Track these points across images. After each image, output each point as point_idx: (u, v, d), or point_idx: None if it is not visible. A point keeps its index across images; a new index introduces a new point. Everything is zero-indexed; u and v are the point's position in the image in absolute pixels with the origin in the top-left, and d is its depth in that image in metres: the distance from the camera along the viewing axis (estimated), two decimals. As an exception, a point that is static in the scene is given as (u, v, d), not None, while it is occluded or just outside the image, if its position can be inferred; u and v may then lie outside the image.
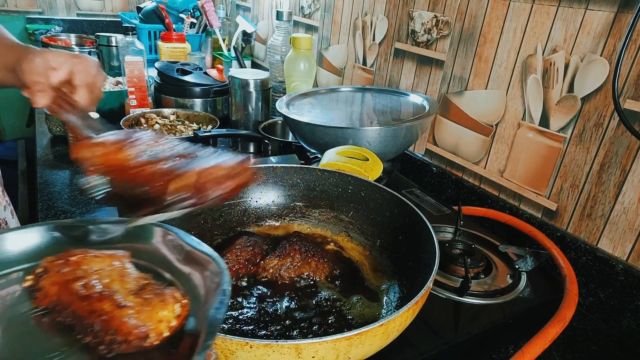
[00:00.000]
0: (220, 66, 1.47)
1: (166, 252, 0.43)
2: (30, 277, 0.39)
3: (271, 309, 0.58)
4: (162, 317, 0.35)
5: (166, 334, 0.35)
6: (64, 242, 0.43)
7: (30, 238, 0.42)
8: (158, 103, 1.35)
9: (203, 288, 0.38)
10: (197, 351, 0.31)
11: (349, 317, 0.58)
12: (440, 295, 0.68)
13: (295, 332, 0.54)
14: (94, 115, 1.05)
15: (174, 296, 0.36)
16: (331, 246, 0.72)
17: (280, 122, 1.27)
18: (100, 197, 0.46)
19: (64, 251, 0.40)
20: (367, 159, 0.78)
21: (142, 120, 1.17)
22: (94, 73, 0.62)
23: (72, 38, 2.27)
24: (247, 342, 0.41)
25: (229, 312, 0.56)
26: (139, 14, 2.09)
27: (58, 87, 0.59)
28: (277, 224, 0.77)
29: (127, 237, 0.44)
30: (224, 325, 0.54)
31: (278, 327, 0.55)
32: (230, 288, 0.35)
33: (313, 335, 0.54)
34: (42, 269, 0.38)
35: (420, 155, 1.13)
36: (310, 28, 1.57)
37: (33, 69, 0.57)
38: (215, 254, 0.39)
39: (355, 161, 0.77)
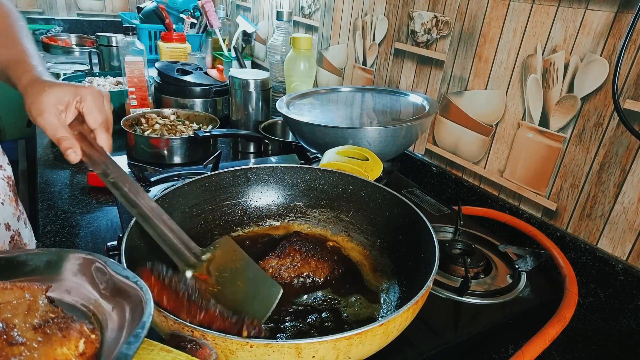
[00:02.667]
0: (220, 66, 1.47)
1: (89, 285, 0.41)
2: None
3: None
4: (60, 355, 0.32)
5: None
6: None
7: None
8: (158, 103, 1.35)
9: (126, 324, 0.36)
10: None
11: (348, 317, 0.58)
12: (440, 295, 0.68)
13: (294, 332, 0.54)
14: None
15: (81, 330, 0.34)
16: (332, 243, 0.72)
17: (280, 122, 1.27)
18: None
19: None
20: (367, 159, 0.78)
21: (143, 120, 1.17)
22: (102, 108, 0.60)
23: (72, 38, 2.27)
24: (247, 342, 0.41)
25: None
26: (139, 14, 2.09)
27: (75, 123, 0.58)
28: (277, 223, 0.77)
29: (49, 267, 0.42)
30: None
31: (278, 327, 0.55)
32: (150, 321, 0.33)
33: (313, 335, 0.54)
34: None
35: (420, 155, 1.13)
36: (310, 28, 1.57)
37: (49, 120, 0.55)
38: (140, 282, 0.37)
39: (356, 161, 0.77)
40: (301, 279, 0.63)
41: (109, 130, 0.60)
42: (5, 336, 0.33)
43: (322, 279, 0.63)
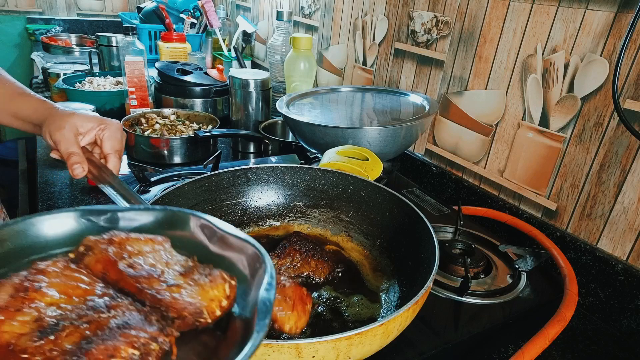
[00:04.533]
0: (220, 66, 1.47)
1: (202, 239, 0.41)
2: (72, 255, 0.37)
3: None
4: (214, 296, 0.34)
5: (218, 313, 0.34)
6: (95, 228, 0.41)
7: (63, 223, 0.41)
8: (158, 103, 1.35)
9: (247, 271, 0.37)
10: (255, 329, 0.30)
11: (349, 317, 0.58)
12: (440, 295, 0.68)
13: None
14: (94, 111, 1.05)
15: (223, 277, 0.36)
16: (332, 247, 0.72)
17: (280, 122, 1.27)
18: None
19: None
20: (367, 159, 0.78)
21: (143, 120, 1.17)
22: (120, 138, 0.65)
23: (73, 38, 2.27)
24: (247, 342, 0.41)
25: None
26: (139, 14, 2.09)
27: (85, 149, 0.62)
28: (278, 223, 0.77)
29: (159, 225, 0.43)
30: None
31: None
32: (274, 271, 0.34)
33: (312, 335, 0.54)
34: (84, 248, 0.37)
35: (420, 155, 1.13)
36: (310, 28, 1.57)
37: (66, 138, 0.60)
38: (252, 239, 0.38)
39: (356, 161, 0.77)
40: (301, 279, 0.63)
41: (120, 159, 0.65)
42: (162, 279, 0.35)
43: (322, 279, 0.63)
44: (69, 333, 0.29)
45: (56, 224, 0.41)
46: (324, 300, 0.60)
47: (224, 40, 1.77)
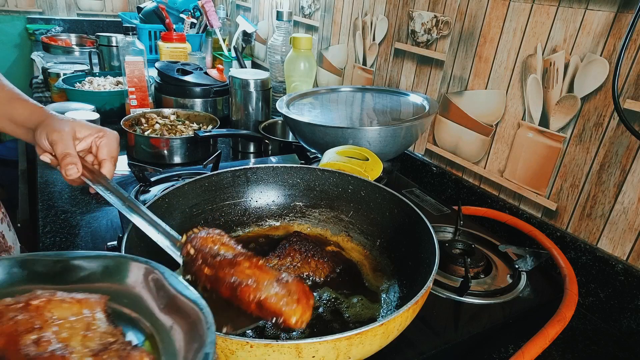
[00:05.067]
0: (220, 66, 1.47)
1: (148, 296, 0.38)
2: None
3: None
4: None
5: None
6: (31, 278, 0.38)
7: None
8: (158, 103, 1.35)
9: (182, 348, 0.33)
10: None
11: (349, 317, 0.58)
12: (440, 295, 0.68)
13: (294, 332, 0.54)
14: (94, 115, 1.06)
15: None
16: (331, 247, 0.72)
17: (280, 122, 1.27)
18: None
19: (29, 292, 0.35)
20: (367, 159, 0.78)
21: (143, 120, 1.17)
22: (117, 147, 0.66)
23: (72, 38, 2.27)
24: (247, 342, 0.41)
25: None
26: (139, 14, 2.09)
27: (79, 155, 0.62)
28: (277, 223, 0.77)
29: (106, 275, 0.39)
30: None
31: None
32: (213, 352, 0.31)
33: (312, 335, 0.54)
34: None
35: (420, 155, 1.13)
36: (310, 28, 1.57)
37: (64, 140, 0.60)
38: (202, 304, 0.34)
39: (356, 161, 0.77)
40: (301, 279, 0.63)
41: (114, 165, 0.65)
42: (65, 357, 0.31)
43: (322, 279, 0.63)
44: None
45: None
46: (325, 300, 0.60)
47: (224, 40, 1.77)
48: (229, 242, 0.51)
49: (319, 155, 0.90)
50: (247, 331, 0.54)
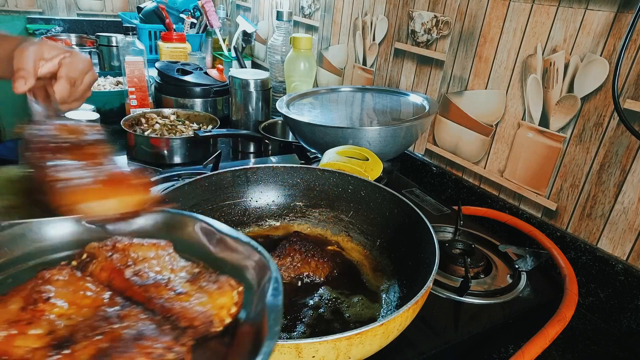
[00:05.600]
0: (220, 66, 1.47)
1: (204, 242, 0.40)
2: (74, 263, 0.36)
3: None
4: (223, 304, 0.33)
5: (228, 320, 0.33)
6: (95, 232, 0.40)
7: (62, 227, 0.40)
8: (158, 103, 1.35)
9: (252, 277, 0.36)
10: (267, 337, 0.29)
11: (349, 317, 0.58)
12: (440, 295, 0.68)
13: (294, 332, 0.54)
14: (94, 115, 1.05)
15: (230, 284, 0.35)
16: (333, 247, 0.72)
17: (280, 122, 1.27)
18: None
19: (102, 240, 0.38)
20: (367, 159, 0.78)
21: (143, 120, 1.17)
22: (81, 68, 0.61)
23: (73, 38, 2.27)
24: (247, 342, 0.41)
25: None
26: (139, 14, 2.09)
27: (44, 78, 0.58)
28: (277, 223, 0.77)
29: (158, 228, 0.42)
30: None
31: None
32: (280, 276, 0.34)
33: (313, 335, 0.54)
34: (87, 256, 0.37)
35: (420, 155, 1.13)
36: (310, 28, 1.57)
37: (24, 56, 0.56)
38: (255, 243, 0.37)
39: (356, 161, 0.77)
40: (301, 279, 0.63)
41: (72, 88, 0.60)
42: (169, 287, 0.34)
43: (322, 279, 0.63)
44: (84, 346, 0.29)
45: (56, 229, 0.40)
46: (326, 300, 0.60)
47: (224, 40, 1.77)
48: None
49: (319, 155, 0.90)
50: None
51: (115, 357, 0.28)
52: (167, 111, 1.22)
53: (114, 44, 1.66)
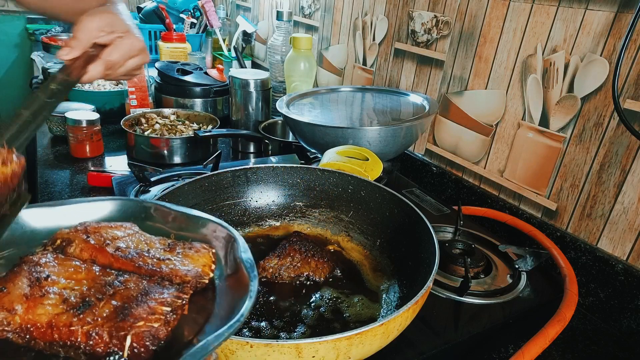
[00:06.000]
0: (220, 66, 1.47)
1: (162, 225, 0.43)
2: (50, 249, 0.38)
3: (271, 309, 0.58)
4: (204, 262, 0.37)
5: (211, 275, 0.37)
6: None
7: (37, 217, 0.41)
8: (158, 103, 1.35)
9: (218, 245, 0.40)
10: (251, 279, 0.34)
11: (349, 317, 0.58)
12: (440, 295, 0.68)
13: (295, 332, 0.54)
14: (94, 115, 1.05)
15: (204, 247, 0.39)
16: (333, 246, 0.72)
17: (280, 122, 1.27)
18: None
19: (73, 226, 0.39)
20: (367, 159, 0.78)
21: (143, 120, 1.17)
22: (127, 53, 0.60)
23: (73, 38, 2.26)
24: (247, 342, 0.41)
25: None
26: (139, 14, 2.09)
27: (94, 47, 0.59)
28: (277, 223, 0.77)
29: (119, 216, 0.43)
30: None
31: (277, 327, 0.55)
32: (249, 255, 0.37)
33: (313, 335, 0.54)
34: (62, 241, 0.38)
35: (420, 155, 1.13)
36: (310, 28, 1.57)
37: (86, 26, 0.57)
38: (211, 217, 0.41)
39: (356, 161, 0.77)
40: (301, 279, 0.63)
41: (108, 71, 0.60)
42: (151, 256, 0.37)
43: (322, 279, 0.63)
44: (101, 305, 0.32)
45: (31, 218, 0.41)
46: (325, 300, 0.60)
47: (224, 40, 1.77)
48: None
49: (319, 155, 0.90)
50: (246, 331, 0.54)
51: (134, 309, 0.31)
52: (167, 111, 1.22)
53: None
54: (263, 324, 0.55)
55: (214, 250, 0.39)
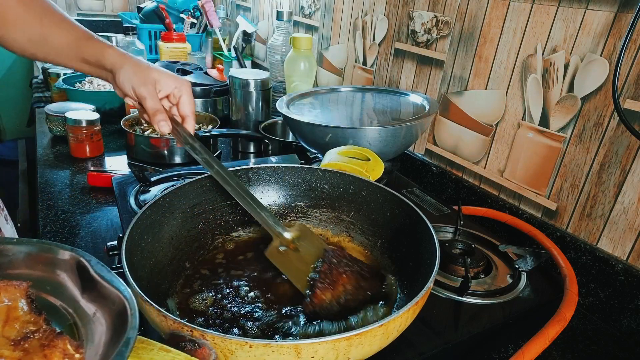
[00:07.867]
0: (220, 66, 1.47)
1: (71, 284, 0.37)
2: None
3: (271, 310, 0.58)
4: None
5: None
6: None
7: None
8: (158, 103, 1.35)
9: (105, 334, 0.33)
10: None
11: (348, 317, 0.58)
12: (440, 295, 0.68)
13: (295, 332, 0.54)
14: (94, 115, 1.06)
15: (64, 348, 0.31)
16: (333, 247, 0.71)
17: (280, 122, 1.27)
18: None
19: None
20: (369, 159, 0.78)
21: (143, 120, 1.17)
22: (193, 100, 0.70)
23: (73, 38, 2.27)
24: (246, 342, 0.41)
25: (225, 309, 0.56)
26: (139, 14, 2.09)
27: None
28: (278, 224, 0.76)
29: (31, 260, 0.38)
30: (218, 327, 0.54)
31: (278, 327, 0.55)
32: (135, 336, 0.31)
33: (312, 335, 0.54)
34: None
35: (420, 155, 1.13)
36: (310, 28, 1.57)
37: (151, 96, 0.64)
38: (127, 291, 0.34)
39: (357, 161, 0.77)
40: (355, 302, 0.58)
41: (194, 119, 0.70)
42: None
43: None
44: None
45: None
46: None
47: (224, 40, 1.77)
48: None
49: (319, 156, 0.90)
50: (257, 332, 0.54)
51: None
52: (167, 111, 1.22)
53: (115, 44, 1.65)
54: (263, 324, 0.55)
55: (78, 356, 0.31)
